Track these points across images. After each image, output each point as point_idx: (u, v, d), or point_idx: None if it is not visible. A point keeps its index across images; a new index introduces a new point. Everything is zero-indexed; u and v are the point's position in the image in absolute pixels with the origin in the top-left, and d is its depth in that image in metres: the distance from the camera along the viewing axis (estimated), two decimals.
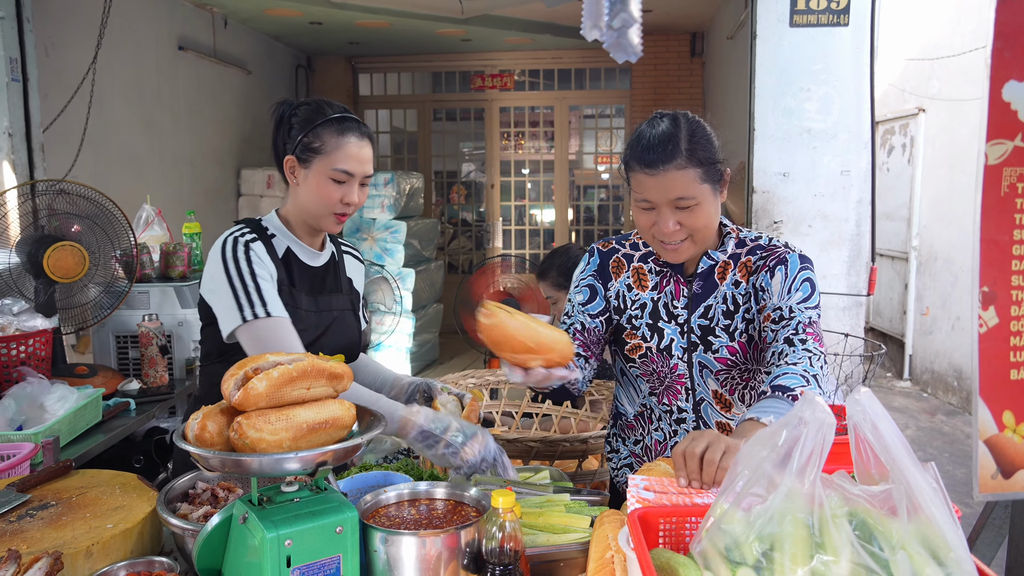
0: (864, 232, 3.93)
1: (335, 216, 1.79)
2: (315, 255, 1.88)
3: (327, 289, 1.89)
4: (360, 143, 1.79)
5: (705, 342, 1.71)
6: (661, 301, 1.75)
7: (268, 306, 1.65)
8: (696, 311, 1.72)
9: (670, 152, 1.56)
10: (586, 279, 1.84)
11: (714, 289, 1.72)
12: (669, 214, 1.59)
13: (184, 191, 6.45)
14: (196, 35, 6.59)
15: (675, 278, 1.75)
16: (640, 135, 1.62)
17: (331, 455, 1.19)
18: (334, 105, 1.82)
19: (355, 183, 1.79)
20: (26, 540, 1.39)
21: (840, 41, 3.85)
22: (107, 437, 2.35)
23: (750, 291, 1.71)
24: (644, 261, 1.79)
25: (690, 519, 1.13)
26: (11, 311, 2.36)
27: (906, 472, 0.94)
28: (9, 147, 4.01)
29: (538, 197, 9.58)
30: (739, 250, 1.74)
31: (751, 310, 1.70)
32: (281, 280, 1.76)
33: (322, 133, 1.76)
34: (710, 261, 1.73)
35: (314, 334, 1.80)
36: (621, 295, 1.79)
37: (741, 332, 1.70)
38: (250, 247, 1.73)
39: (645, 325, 1.75)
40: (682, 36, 8.28)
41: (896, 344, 7.81)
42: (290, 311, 1.72)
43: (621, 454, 1.92)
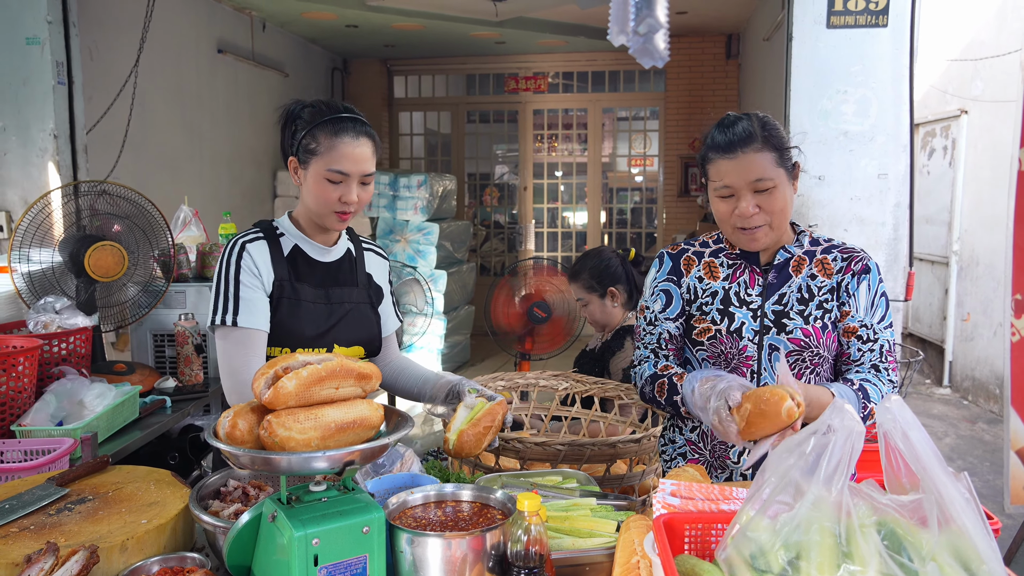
0: (902, 236, 3.86)
1: (336, 215, 1.82)
2: (325, 251, 1.93)
3: (340, 283, 1.93)
4: (355, 142, 1.80)
5: (779, 324, 1.79)
6: (732, 290, 1.83)
7: (239, 315, 1.76)
8: (770, 299, 1.81)
9: (748, 136, 1.68)
10: (660, 284, 1.92)
11: (788, 280, 1.81)
12: (749, 196, 1.69)
13: (222, 192, 6.56)
14: (235, 38, 6.70)
15: (749, 268, 1.84)
16: (718, 128, 1.73)
17: (359, 455, 1.21)
18: (334, 106, 1.84)
19: (352, 182, 1.80)
20: (64, 533, 1.42)
21: (879, 42, 3.79)
22: (143, 434, 2.40)
23: (833, 287, 1.80)
24: (715, 256, 1.88)
25: (716, 526, 1.12)
26: (53, 309, 2.42)
27: (937, 482, 0.92)
28: (54, 148, 4.12)
29: (571, 199, 9.56)
30: (813, 248, 1.84)
31: (829, 302, 1.79)
32: (282, 277, 1.83)
33: (318, 134, 1.79)
34: (786, 254, 1.82)
35: (325, 324, 1.86)
36: (692, 288, 1.88)
37: (816, 318, 1.78)
38: (246, 251, 1.81)
39: (716, 310, 1.84)
40: (717, 38, 8.21)
41: (936, 350, 7.66)
42: (292, 304, 1.82)
43: (676, 444, 1.98)
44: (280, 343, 1.84)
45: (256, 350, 1.79)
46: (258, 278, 1.82)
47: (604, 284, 2.92)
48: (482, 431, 1.69)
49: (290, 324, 1.84)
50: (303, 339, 1.84)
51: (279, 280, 1.84)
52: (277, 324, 1.83)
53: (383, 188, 7.00)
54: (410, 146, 9.77)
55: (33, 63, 4.04)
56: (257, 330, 1.79)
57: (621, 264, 2.95)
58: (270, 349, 1.84)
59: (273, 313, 1.83)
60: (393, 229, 7.05)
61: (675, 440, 1.99)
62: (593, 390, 2.75)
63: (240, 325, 1.76)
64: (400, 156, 9.65)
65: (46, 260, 2.57)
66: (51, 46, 4.05)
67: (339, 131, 1.79)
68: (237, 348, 1.77)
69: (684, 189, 8.60)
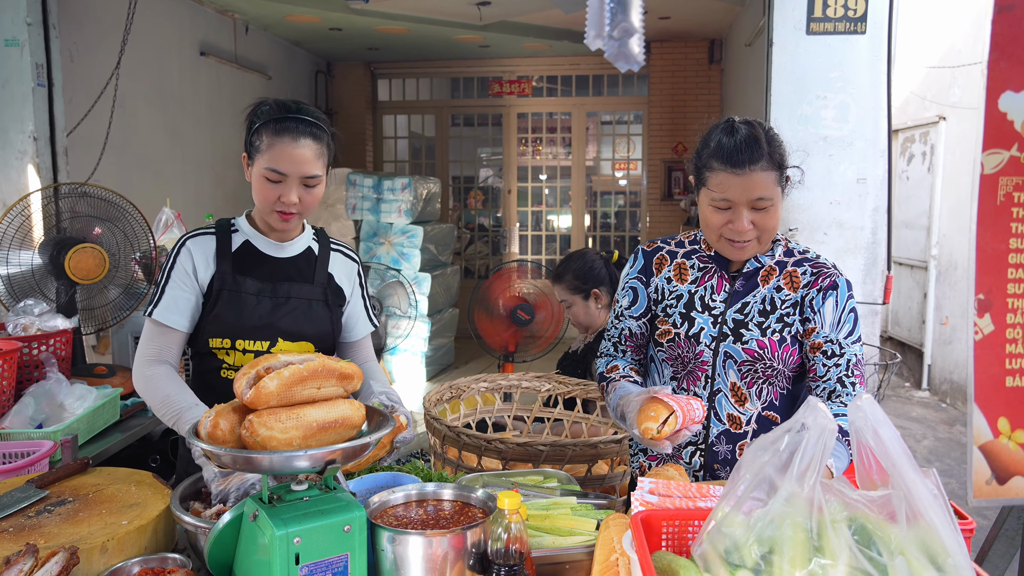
0: (880, 240, 3.91)
1: (278, 214, 1.83)
2: (279, 247, 1.94)
3: (291, 278, 1.93)
4: (294, 143, 1.79)
5: (736, 334, 1.80)
6: (698, 294, 1.85)
7: (157, 309, 1.84)
8: (733, 306, 1.82)
9: (757, 153, 1.66)
10: (630, 281, 1.95)
11: (754, 289, 1.82)
12: (746, 213, 1.69)
13: (204, 194, 6.53)
14: (218, 41, 6.67)
15: (719, 274, 1.84)
16: (723, 137, 1.71)
17: (340, 454, 1.22)
18: (285, 106, 1.84)
19: (292, 183, 1.80)
20: (43, 535, 1.42)
21: (857, 49, 3.84)
22: (124, 436, 2.39)
23: (797, 302, 1.79)
24: (688, 258, 1.90)
25: (693, 522, 1.14)
26: (33, 312, 2.41)
27: (906, 478, 0.94)
28: (34, 151, 4.09)
29: (555, 203, 9.59)
30: (786, 259, 1.84)
31: (791, 316, 1.79)
32: (224, 271, 1.87)
33: (263, 132, 1.80)
34: (756, 264, 1.83)
35: (268, 316, 1.88)
36: (660, 288, 1.90)
37: (774, 331, 1.79)
38: (185, 247, 1.88)
39: (678, 314, 1.85)
40: (700, 43, 8.27)
41: (915, 354, 7.74)
42: (233, 295, 1.86)
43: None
44: (221, 333, 1.86)
45: (166, 343, 1.84)
46: (190, 276, 1.86)
47: (588, 286, 2.94)
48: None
49: (230, 315, 1.86)
50: (244, 329, 1.86)
51: (220, 273, 1.86)
52: (217, 315, 1.86)
53: (367, 191, 6.99)
54: (394, 149, 9.77)
55: (12, 65, 4.01)
56: (169, 326, 1.84)
57: (605, 266, 2.97)
58: (212, 340, 1.86)
59: (213, 305, 1.86)
60: (377, 232, 7.05)
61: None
62: (575, 391, 2.77)
63: (155, 318, 1.83)
64: (384, 159, 9.64)
65: (25, 262, 2.56)
66: (30, 48, 4.02)
67: (281, 131, 1.79)
68: (150, 342, 1.84)
69: (667, 193, 8.65)
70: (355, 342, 2.08)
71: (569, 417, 2.78)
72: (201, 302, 1.87)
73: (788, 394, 1.87)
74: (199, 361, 1.92)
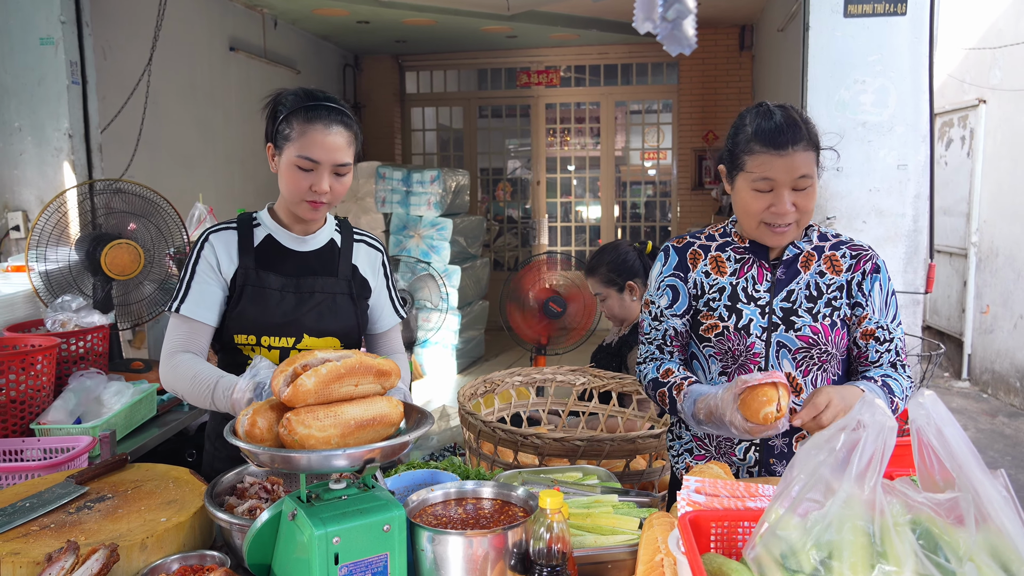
0: (922, 228, 3.81)
1: (308, 204, 1.80)
2: (301, 241, 1.91)
3: (315, 272, 1.90)
4: (326, 130, 1.77)
5: (787, 322, 1.77)
6: (740, 285, 1.81)
7: (183, 304, 1.81)
8: (779, 295, 1.79)
9: (798, 133, 1.67)
10: (666, 279, 1.88)
11: (796, 276, 1.79)
12: (787, 195, 1.68)
13: (236, 189, 6.57)
14: (247, 36, 6.70)
15: (758, 263, 1.81)
16: (761, 120, 1.70)
17: (379, 452, 1.19)
18: (313, 94, 1.82)
19: (323, 171, 1.77)
20: (84, 532, 1.42)
21: (897, 31, 3.73)
22: (161, 431, 2.40)
23: (843, 285, 1.78)
24: (722, 250, 1.85)
25: (742, 523, 1.10)
26: (70, 307, 2.42)
27: (974, 479, 0.90)
28: (69, 148, 4.13)
29: (584, 194, 9.53)
30: (822, 243, 1.82)
31: (838, 300, 1.78)
32: (246, 266, 1.84)
33: (292, 120, 1.78)
34: (795, 250, 1.80)
35: (293, 313, 1.85)
36: (699, 283, 1.85)
37: (824, 316, 1.77)
38: (208, 242, 1.85)
39: (723, 307, 1.81)
40: (731, 29, 8.14)
41: (954, 343, 7.58)
42: (257, 291, 1.84)
43: (683, 440, 1.94)
44: (246, 330, 1.84)
45: (195, 338, 1.82)
46: (214, 270, 1.83)
47: (622, 278, 2.89)
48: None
49: (254, 311, 1.83)
50: (268, 326, 1.84)
51: (243, 268, 1.84)
52: (241, 312, 1.84)
53: (396, 184, 6.99)
54: (422, 142, 9.76)
55: (47, 63, 4.05)
56: (197, 321, 1.82)
57: (639, 257, 2.93)
58: (237, 337, 1.84)
59: (237, 301, 1.84)
60: (407, 225, 7.05)
61: (681, 436, 1.95)
62: (611, 385, 2.74)
63: (182, 313, 1.81)
64: (412, 152, 9.64)
65: (63, 259, 2.58)
66: (64, 46, 4.06)
67: (312, 118, 1.76)
68: (175, 334, 1.82)
69: (698, 182, 8.55)
70: (381, 334, 2.04)
71: (605, 411, 2.75)
72: (226, 297, 1.85)
73: (839, 381, 1.84)
74: (224, 356, 1.91)
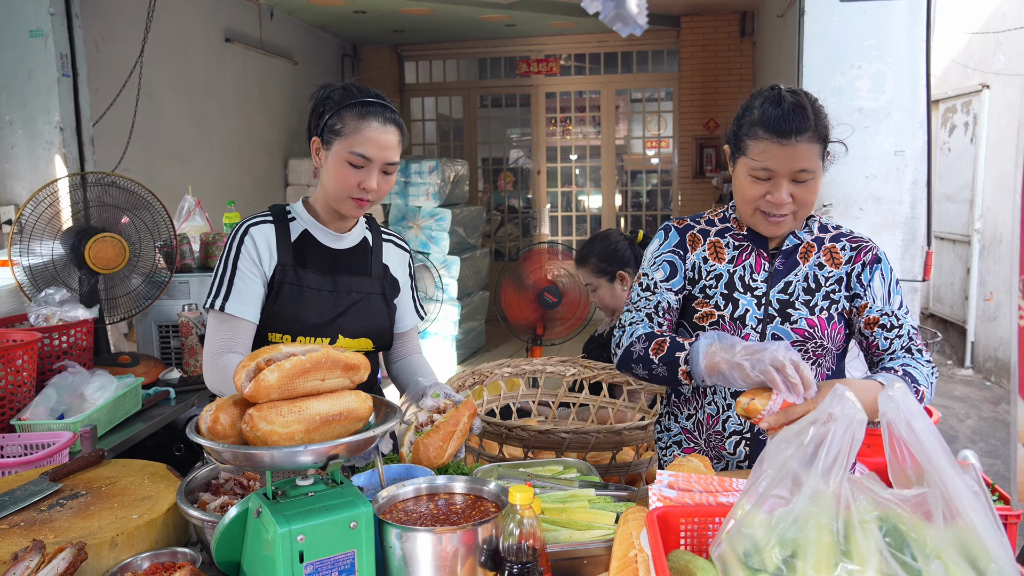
0: (920, 215, 3.76)
1: (353, 201, 1.78)
2: (337, 238, 1.88)
3: (350, 271, 1.88)
4: (382, 128, 1.76)
5: (783, 314, 1.73)
6: (737, 274, 1.76)
7: (229, 301, 1.75)
8: (776, 286, 1.75)
9: (804, 124, 1.60)
10: (664, 255, 1.82)
11: (795, 267, 1.75)
12: (786, 185, 1.62)
13: (232, 181, 6.54)
14: (242, 27, 6.66)
15: (757, 252, 1.77)
16: (768, 105, 1.63)
17: (343, 448, 1.17)
18: (366, 90, 1.80)
19: (374, 169, 1.76)
20: (54, 530, 1.40)
21: (894, 16, 3.67)
22: (147, 426, 2.38)
23: (842, 278, 1.75)
24: (721, 236, 1.81)
25: (714, 519, 1.07)
26: (54, 301, 2.40)
27: (943, 474, 0.87)
28: (60, 141, 4.11)
29: (586, 183, 9.48)
30: (822, 235, 1.79)
31: (837, 293, 1.74)
32: (285, 262, 1.80)
33: (345, 115, 1.75)
34: (795, 240, 1.76)
35: (330, 313, 1.82)
36: (697, 267, 1.80)
37: (821, 309, 1.73)
38: (249, 234, 1.79)
39: (720, 295, 1.76)
40: (731, 16, 8.07)
41: (957, 331, 7.52)
42: (295, 290, 1.79)
43: (672, 432, 1.90)
44: (282, 329, 1.81)
45: (239, 337, 1.77)
46: (257, 264, 1.79)
47: (613, 268, 2.86)
48: (442, 438, 1.56)
49: (292, 310, 1.80)
50: (306, 326, 1.80)
51: (282, 264, 1.80)
52: (279, 310, 1.80)
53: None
54: (422, 132, 9.72)
55: (37, 56, 4.02)
56: (243, 319, 1.77)
57: (629, 247, 2.89)
58: (272, 335, 1.81)
59: (275, 298, 1.80)
60: (405, 215, 7.02)
61: (670, 428, 1.91)
62: (601, 376, 2.71)
63: (228, 312, 1.76)
64: (413, 142, 9.60)
65: (47, 253, 2.56)
66: (54, 38, 4.03)
67: (367, 115, 1.75)
68: (219, 334, 1.76)
69: (699, 170, 8.49)
70: (402, 333, 2.03)
71: (595, 402, 2.72)
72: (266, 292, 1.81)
73: (833, 375, 1.81)
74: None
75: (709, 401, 1.82)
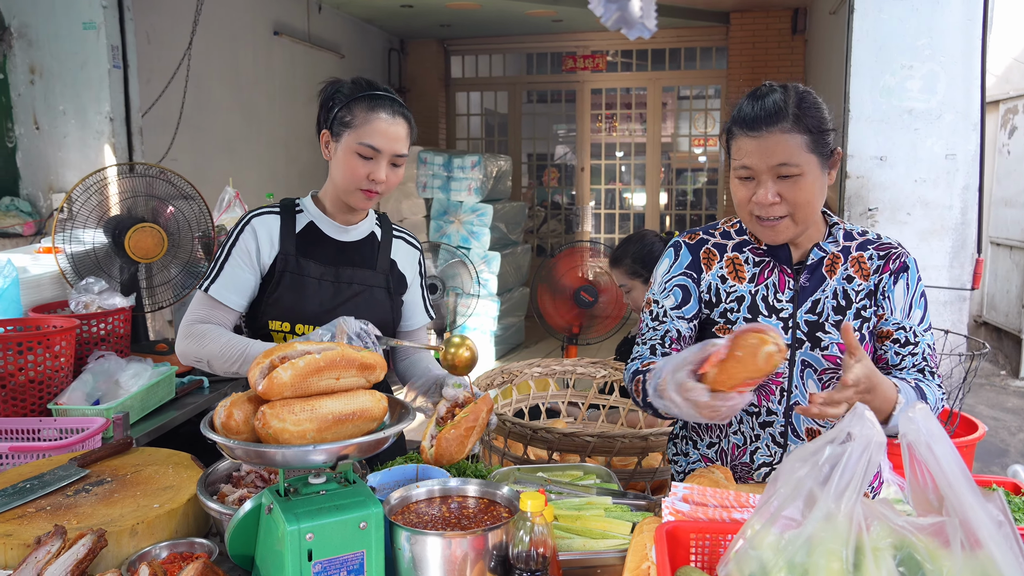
0: (970, 221, 3.63)
1: (362, 192, 1.80)
2: (343, 230, 1.91)
3: (354, 263, 1.90)
4: (391, 120, 1.78)
5: (813, 339, 1.58)
6: (760, 294, 1.61)
7: (214, 283, 1.81)
8: (803, 306, 1.59)
9: (776, 114, 1.47)
10: (675, 279, 1.67)
11: (822, 283, 1.60)
12: (770, 183, 1.48)
13: (278, 172, 6.63)
14: (291, 20, 6.74)
15: (779, 268, 1.61)
16: (746, 100, 1.54)
17: (354, 448, 1.17)
18: (374, 83, 1.83)
19: (383, 160, 1.77)
20: (77, 515, 1.43)
21: (948, 13, 3.55)
22: (179, 413, 2.42)
23: (871, 291, 1.60)
24: (739, 250, 1.65)
25: (726, 536, 1.04)
26: (93, 290, 2.46)
27: (964, 502, 0.83)
28: (110, 131, 4.21)
29: (631, 180, 9.40)
30: (848, 243, 1.63)
31: (867, 310, 1.59)
32: (287, 252, 1.84)
33: (354, 108, 1.78)
34: (821, 252, 1.61)
35: (330, 303, 1.84)
36: (714, 287, 1.64)
37: (854, 330, 1.54)
38: (250, 225, 1.84)
39: (743, 319, 1.60)
40: (783, 12, 7.90)
41: (1012, 340, 7.27)
42: (295, 278, 1.83)
43: (690, 457, 1.76)
44: (281, 317, 1.84)
45: (216, 317, 1.81)
46: (251, 255, 1.83)
47: (647, 270, 2.82)
48: (463, 433, 1.53)
49: (291, 298, 1.83)
50: (305, 315, 1.83)
51: (284, 254, 1.84)
52: (279, 298, 1.83)
53: (437, 169, 6.98)
54: (467, 126, 9.73)
55: (90, 48, 4.13)
56: (222, 304, 1.82)
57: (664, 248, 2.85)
58: (272, 323, 1.84)
59: (275, 287, 1.83)
60: (447, 210, 7.03)
61: (688, 454, 1.77)
62: None
63: (210, 293, 1.81)
64: (457, 136, 9.62)
65: (89, 241, 2.62)
66: (106, 30, 4.13)
67: (376, 107, 1.77)
68: (197, 309, 1.82)
69: None
70: (411, 332, 2.04)
71: (625, 405, 2.69)
72: (259, 283, 1.86)
73: None
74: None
75: (735, 431, 1.67)
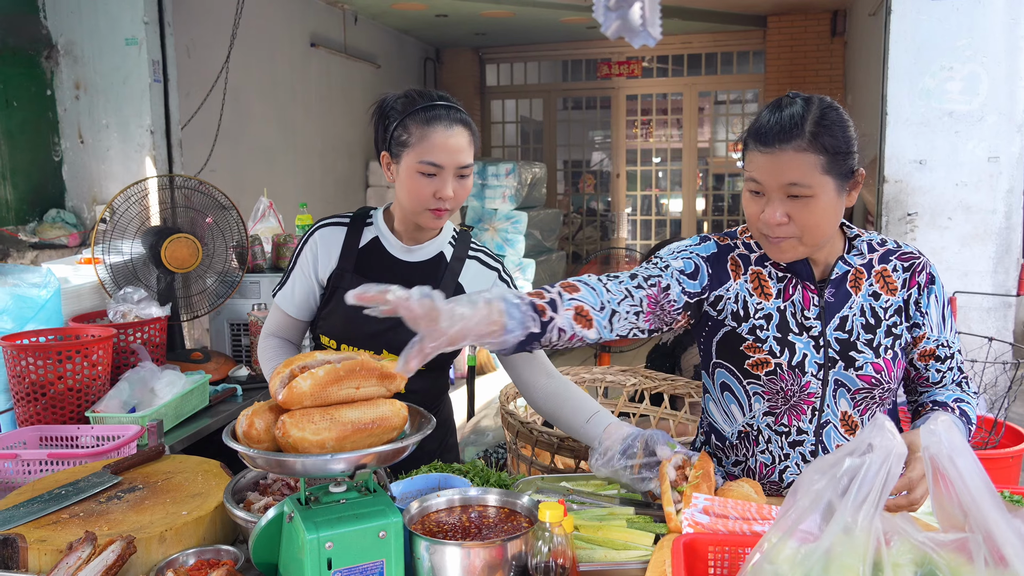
0: (1015, 225, 3.53)
1: (431, 212, 1.70)
2: (408, 250, 1.81)
3: (412, 285, 1.83)
4: (448, 132, 1.66)
5: (846, 358, 1.52)
6: (788, 311, 1.54)
7: (280, 292, 1.87)
8: (831, 323, 1.53)
9: (791, 130, 1.40)
10: (694, 256, 1.57)
11: (848, 299, 1.54)
12: (778, 202, 1.42)
13: (315, 182, 6.73)
14: (327, 31, 6.83)
15: (802, 285, 1.55)
16: (765, 112, 1.48)
17: (372, 457, 1.17)
18: (426, 94, 1.72)
19: (447, 175, 1.67)
20: (109, 522, 1.45)
21: (990, 12, 3.46)
22: (212, 421, 2.45)
23: (900, 307, 1.55)
24: (762, 264, 1.58)
25: (745, 550, 1.02)
26: (132, 299, 2.51)
27: (988, 518, 0.80)
28: (151, 144, 4.31)
29: (668, 186, 9.34)
30: (870, 255, 1.57)
31: (899, 326, 1.54)
32: (344, 268, 1.80)
33: (409, 124, 1.68)
34: (845, 267, 1.55)
35: (379, 325, 1.68)
36: (742, 299, 1.57)
37: (887, 348, 1.52)
38: (315, 235, 1.83)
39: (773, 339, 1.54)
40: (822, 15, 7.79)
41: None
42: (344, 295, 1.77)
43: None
44: (329, 333, 1.82)
45: (283, 324, 1.89)
46: (311, 268, 1.82)
47: None
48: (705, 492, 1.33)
49: (341, 317, 1.79)
50: (350, 335, 1.79)
51: (340, 270, 1.78)
52: (329, 314, 1.81)
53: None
54: (502, 134, 9.77)
55: (132, 63, 4.24)
56: (284, 312, 1.87)
57: None
58: (323, 338, 1.84)
59: (327, 302, 1.81)
60: (482, 218, 7.06)
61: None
62: (662, 387, 2.65)
63: (276, 301, 1.88)
64: (492, 144, 9.66)
65: (127, 251, 2.68)
66: (147, 45, 4.23)
67: (431, 120, 1.66)
68: (271, 319, 1.91)
69: None
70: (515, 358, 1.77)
71: (656, 414, 2.66)
72: (319, 294, 1.84)
73: (894, 407, 1.65)
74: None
75: (763, 449, 1.60)
